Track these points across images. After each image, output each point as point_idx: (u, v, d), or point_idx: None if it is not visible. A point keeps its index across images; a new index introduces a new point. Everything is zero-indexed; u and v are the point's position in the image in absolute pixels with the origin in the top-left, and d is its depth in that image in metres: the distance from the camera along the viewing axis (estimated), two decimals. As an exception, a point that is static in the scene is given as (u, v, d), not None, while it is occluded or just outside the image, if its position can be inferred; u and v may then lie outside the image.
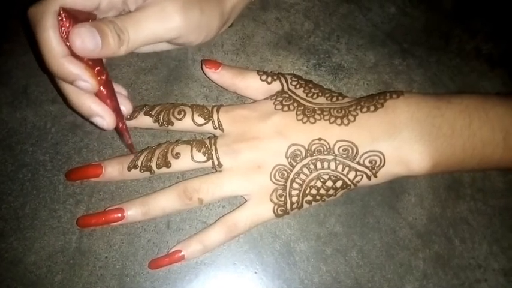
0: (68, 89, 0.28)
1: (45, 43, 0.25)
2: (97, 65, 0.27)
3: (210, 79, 0.34)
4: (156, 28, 0.28)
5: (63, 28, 0.26)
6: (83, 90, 0.27)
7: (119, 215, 0.30)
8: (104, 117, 0.28)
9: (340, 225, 0.33)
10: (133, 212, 0.31)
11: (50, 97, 0.34)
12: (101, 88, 0.28)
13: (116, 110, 0.29)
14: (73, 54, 0.26)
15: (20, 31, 0.36)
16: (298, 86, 0.33)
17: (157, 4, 0.28)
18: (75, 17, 0.26)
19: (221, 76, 0.34)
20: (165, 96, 0.35)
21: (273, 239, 0.32)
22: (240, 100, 0.35)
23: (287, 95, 0.33)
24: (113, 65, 0.35)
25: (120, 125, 0.30)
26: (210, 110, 0.32)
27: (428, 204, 0.34)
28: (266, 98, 0.33)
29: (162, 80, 0.35)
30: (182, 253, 0.30)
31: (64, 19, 0.25)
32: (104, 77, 0.28)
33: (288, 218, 0.33)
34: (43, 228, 0.32)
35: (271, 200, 0.31)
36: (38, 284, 0.31)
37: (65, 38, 0.26)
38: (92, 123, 0.29)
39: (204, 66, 0.34)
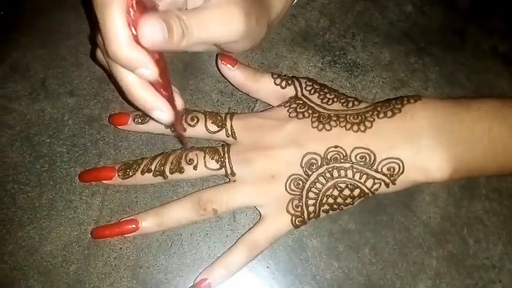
0: (127, 79, 0.25)
1: (111, 26, 0.23)
2: (156, 54, 0.25)
3: (222, 75, 0.34)
4: (220, 29, 0.27)
5: (131, 13, 0.23)
6: (143, 78, 0.25)
7: (133, 226, 0.30)
8: (163, 110, 0.26)
9: (353, 222, 0.33)
10: (147, 223, 0.31)
11: (68, 90, 0.35)
12: (159, 78, 0.25)
13: (171, 101, 0.26)
14: (136, 41, 0.23)
15: (36, 24, 0.36)
16: (312, 91, 0.32)
17: (223, 6, 0.27)
18: (143, 4, 0.24)
19: (235, 75, 0.33)
20: (180, 91, 0.34)
21: (285, 234, 0.32)
22: (255, 98, 0.35)
23: (301, 101, 0.32)
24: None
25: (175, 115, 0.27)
26: (223, 117, 0.32)
27: (442, 203, 0.33)
28: (280, 105, 0.33)
29: (177, 74, 0.36)
30: (208, 281, 0.30)
31: (135, 4, 0.23)
32: (163, 65, 0.25)
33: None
34: (59, 219, 0.32)
35: (287, 211, 0.30)
36: (53, 273, 0.31)
37: (131, 24, 0.23)
38: (150, 117, 0.26)
39: (219, 61, 0.33)
